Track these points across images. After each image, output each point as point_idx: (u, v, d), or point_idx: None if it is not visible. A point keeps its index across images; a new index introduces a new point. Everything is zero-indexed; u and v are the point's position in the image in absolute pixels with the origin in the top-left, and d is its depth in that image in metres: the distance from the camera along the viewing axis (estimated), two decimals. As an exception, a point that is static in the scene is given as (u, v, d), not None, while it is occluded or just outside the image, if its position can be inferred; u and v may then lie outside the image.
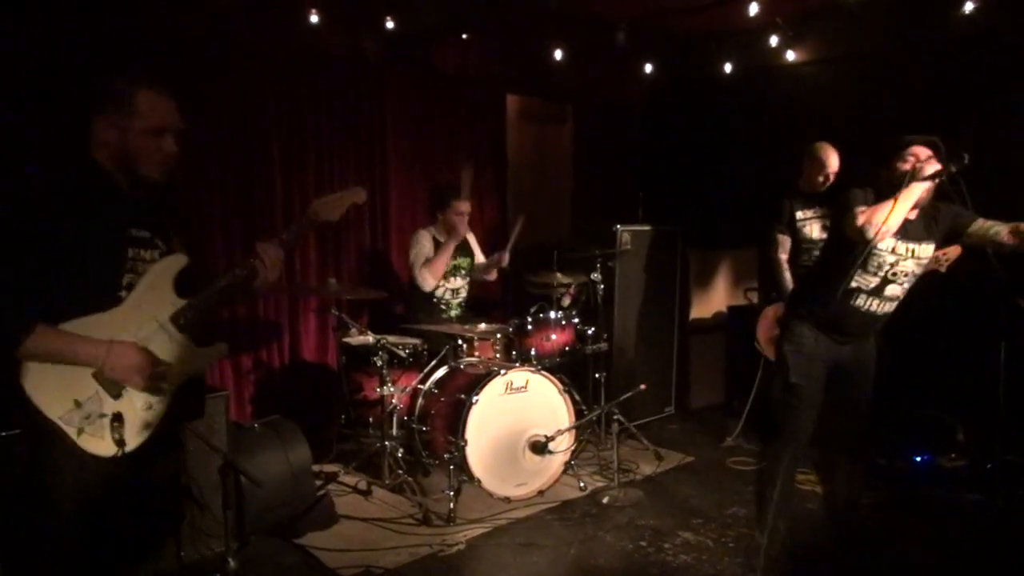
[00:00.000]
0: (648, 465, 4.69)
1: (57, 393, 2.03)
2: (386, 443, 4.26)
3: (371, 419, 4.53)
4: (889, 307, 3.25)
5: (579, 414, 4.45)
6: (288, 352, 5.07)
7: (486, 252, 5.24)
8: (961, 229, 3.19)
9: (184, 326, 2.21)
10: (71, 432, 2.02)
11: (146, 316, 2.15)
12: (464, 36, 5.55)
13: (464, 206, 4.80)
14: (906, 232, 3.15)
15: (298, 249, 5.01)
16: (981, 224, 3.14)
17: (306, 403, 4.97)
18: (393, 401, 4.33)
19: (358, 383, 4.57)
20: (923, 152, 3.14)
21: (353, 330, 4.58)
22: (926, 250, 3.20)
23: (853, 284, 3.19)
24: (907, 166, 3.13)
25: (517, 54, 5.99)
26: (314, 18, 4.74)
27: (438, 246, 4.76)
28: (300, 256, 5.04)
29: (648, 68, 6.35)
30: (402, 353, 4.41)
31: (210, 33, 4.47)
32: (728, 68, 6.13)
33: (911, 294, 3.31)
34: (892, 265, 3.16)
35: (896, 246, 3.15)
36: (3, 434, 2.86)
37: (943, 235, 3.24)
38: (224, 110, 4.62)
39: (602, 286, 5.00)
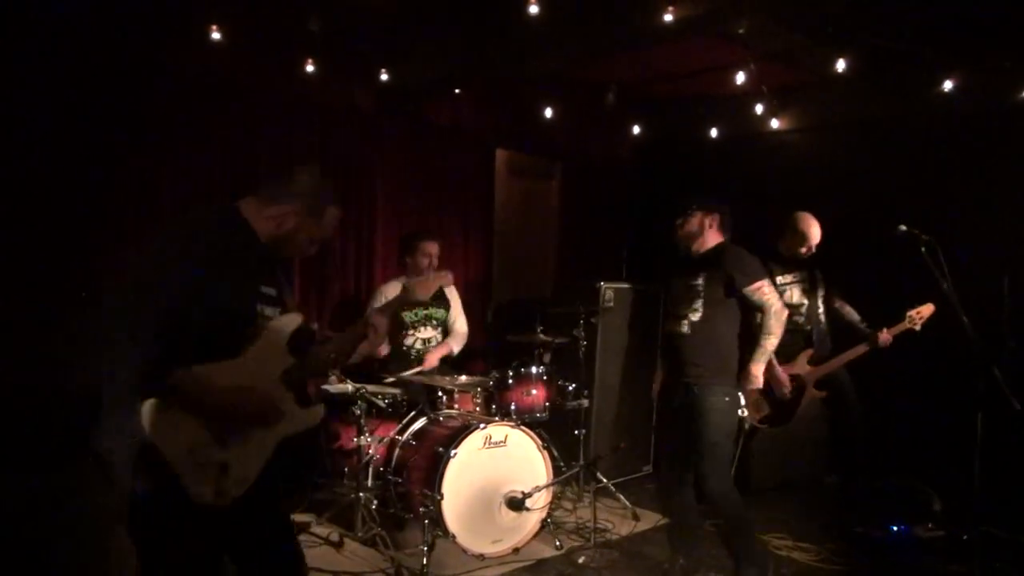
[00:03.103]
0: (625, 525, 4.64)
1: (173, 435, 2.08)
2: (361, 494, 4.20)
3: (346, 469, 4.47)
4: (680, 326, 3.66)
5: (557, 471, 4.41)
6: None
7: (467, 305, 5.24)
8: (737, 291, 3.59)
9: (290, 384, 2.30)
10: (180, 473, 2.07)
11: (263, 370, 2.24)
12: (456, 91, 5.65)
13: (432, 247, 4.78)
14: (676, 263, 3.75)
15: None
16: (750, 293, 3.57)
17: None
18: (370, 451, 4.28)
19: (335, 432, 4.51)
20: None
21: (332, 378, 4.55)
22: (693, 275, 3.66)
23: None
24: None
25: (508, 110, 6.09)
26: (310, 68, 4.82)
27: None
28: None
29: (636, 129, 6.47)
30: (381, 403, 4.37)
31: (205, 75, 4.53)
32: (714, 132, 6.26)
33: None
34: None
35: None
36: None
37: (721, 280, 3.61)
38: (214, 151, 4.65)
39: (584, 342, 5.00)
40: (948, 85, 4.84)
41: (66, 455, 3.06)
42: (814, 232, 4.60)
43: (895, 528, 4.40)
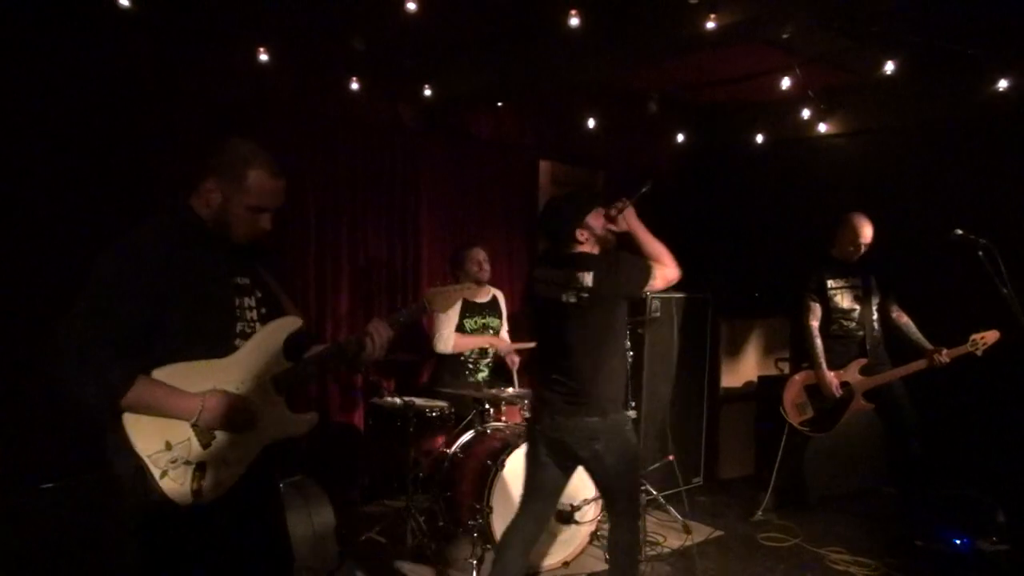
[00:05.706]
0: (676, 538, 4.57)
1: (152, 432, 2.05)
2: (410, 507, 4.22)
3: (396, 482, 4.50)
4: None
5: (606, 483, 4.37)
6: (315, 411, 5.06)
7: (511, 317, 5.24)
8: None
9: (282, 388, 2.23)
10: (155, 472, 2.03)
11: (251, 372, 2.17)
12: (499, 104, 5.68)
13: (479, 253, 4.81)
14: None
15: (329, 308, 5.07)
16: None
17: (331, 464, 4.95)
18: (419, 464, 4.30)
19: (384, 445, 4.55)
20: None
21: (382, 391, 4.59)
22: None
23: None
24: None
25: (550, 122, 6.11)
26: (354, 85, 4.90)
27: (467, 305, 4.78)
28: (332, 315, 5.09)
29: (680, 137, 6.42)
30: (430, 416, 4.39)
31: (252, 95, 4.62)
32: (760, 139, 6.18)
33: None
34: None
35: None
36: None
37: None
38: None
39: (631, 353, 4.96)
40: (1003, 84, 4.71)
41: (80, 466, 3.07)
42: (866, 230, 4.53)
43: (957, 541, 4.26)
